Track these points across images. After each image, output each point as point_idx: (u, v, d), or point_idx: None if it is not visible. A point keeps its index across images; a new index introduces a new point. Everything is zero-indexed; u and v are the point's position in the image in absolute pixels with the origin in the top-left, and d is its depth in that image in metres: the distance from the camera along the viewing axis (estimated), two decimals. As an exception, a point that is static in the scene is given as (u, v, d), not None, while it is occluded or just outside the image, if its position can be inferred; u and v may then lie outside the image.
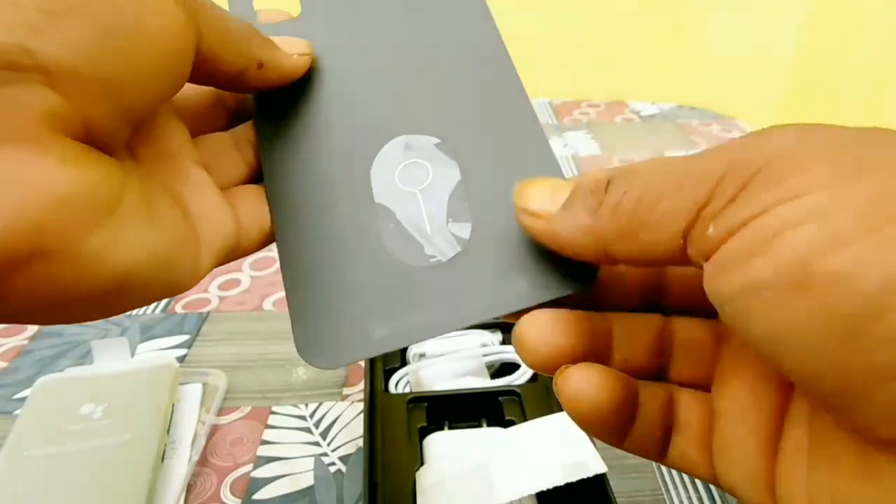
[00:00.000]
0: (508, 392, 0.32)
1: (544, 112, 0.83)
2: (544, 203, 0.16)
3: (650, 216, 0.14)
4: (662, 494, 0.32)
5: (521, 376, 0.35)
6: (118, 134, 0.15)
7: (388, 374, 0.35)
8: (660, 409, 0.17)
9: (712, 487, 0.32)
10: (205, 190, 0.18)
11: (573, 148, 0.73)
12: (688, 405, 0.17)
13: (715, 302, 0.13)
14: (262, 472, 0.33)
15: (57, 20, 0.13)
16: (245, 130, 0.21)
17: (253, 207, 0.19)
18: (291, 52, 0.20)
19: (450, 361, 0.35)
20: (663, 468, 0.33)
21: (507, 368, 0.36)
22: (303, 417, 0.37)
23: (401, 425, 0.30)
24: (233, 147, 0.21)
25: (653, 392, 0.17)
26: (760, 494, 0.15)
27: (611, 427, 0.16)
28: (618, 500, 0.25)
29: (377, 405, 0.32)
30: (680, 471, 0.17)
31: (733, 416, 0.16)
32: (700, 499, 0.31)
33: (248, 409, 0.37)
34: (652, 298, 0.19)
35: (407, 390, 0.34)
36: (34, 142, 0.13)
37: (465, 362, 0.35)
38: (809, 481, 0.14)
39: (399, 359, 0.36)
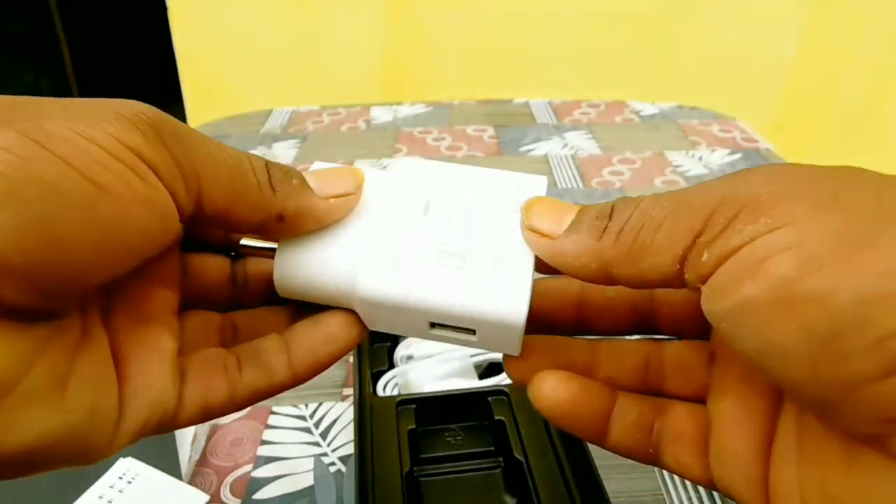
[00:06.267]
0: (497, 392, 0.32)
1: (544, 112, 0.83)
2: (550, 223, 0.17)
3: (651, 242, 0.15)
4: (662, 494, 0.32)
5: (509, 376, 0.35)
6: (51, 307, 0.14)
7: (376, 377, 0.35)
8: (640, 416, 0.19)
9: (712, 487, 0.32)
10: (157, 358, 0.17)
11: (573, 148, 0.73)
12: (681, 415, 0.19)
13: (712, 320, 0.15)
14: (262, 472, 0.33)
15: None
16: (245, 349, 0.19)
17: (206, 379, 0.18)
18: (328, 192, 0.18)
19: (437, 363, 0.35)
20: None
21: (495, 368, 0.36)
22: (303, 417, 0.37)
23: (390, 428, 0.30)
24: (219, 364, 0.19)
25: (633, 400, 0.19)
26: (755, 495, 0.16)
27: (582, 426, 0.18)
28: (618, 500, 0.25)
29: (366, 408, 0.32)
30: (676, 474, 0.19)
31: (728, 424, 0.17)
32: (700, 499, 0.31)
33: (248, 408, 0.37)
34: (642, 324, 0.21)
35: (395, 393, 0.34)
36: None
37: (452, 363, 0.35)
38: (800, 477, 0.15)
39: (386, 361, 0.36)
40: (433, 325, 0.18)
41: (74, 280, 0.14)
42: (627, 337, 0.21)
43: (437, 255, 0.18)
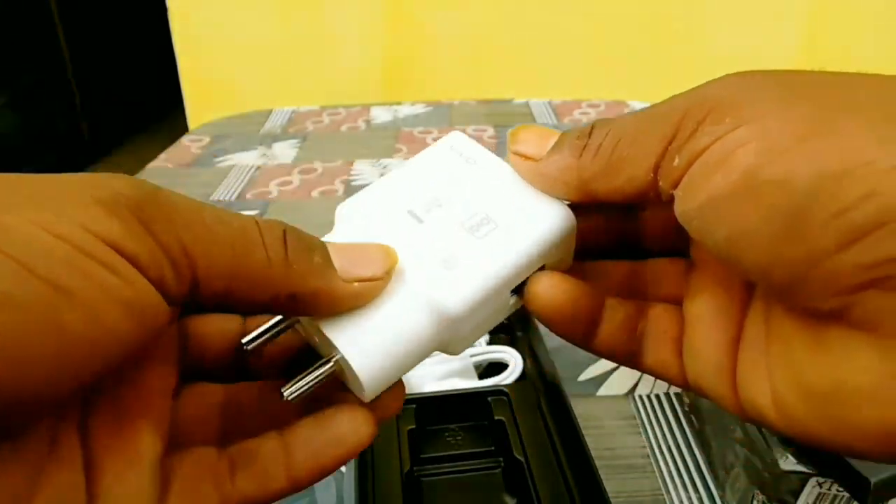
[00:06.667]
0: (497, 392, 0.32)
1: (544, 112, 0.83)
2: (535, 147, 0.18)
3: (627, 154, 0.16)
4: (662, 494, 0.32)
5: (509, 376, 0.35)
6: (9, 427, 0.12)
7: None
8: (626, 317, 0.19)
9: (712, 488, 0.32)
10: (136, 471, 0.15)
11: (573, 148, 0.73)
12: (661, 315, 0.19)
13: (685, 221, 0.15)
14: (262, 471, 0.33)
15: None
16: (238, 450, 0.17)
17: (192, 490, 0.16)
18: (353, 274, 0.16)
19: (437, 363, 0.35)
20: (663, 468, 0.33)
21: (495, 368, 0.36)
22: (303, 417, 0.37)
23: (390, 428, 0.30)
24: (209, 469, 0.17)
25: (620, 303, 0.19)
26: (725, 389, 0.17)
27: (573, 327, 0.19)
28: (617, 500, 0.25)
29: None
30: (656, 376, 0.20)
31: (700, 321, 0.18)
32: (700, 499, 0.31)
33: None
34: (626, 247, 0.21)
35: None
36: None
37: (452, 363, 0.35)
38: (769, 363, 0.16)
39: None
40: (513, 292, 0.19)
41: (34, 400, 0.12)
42: None
43: (470, 233, 0.18)
